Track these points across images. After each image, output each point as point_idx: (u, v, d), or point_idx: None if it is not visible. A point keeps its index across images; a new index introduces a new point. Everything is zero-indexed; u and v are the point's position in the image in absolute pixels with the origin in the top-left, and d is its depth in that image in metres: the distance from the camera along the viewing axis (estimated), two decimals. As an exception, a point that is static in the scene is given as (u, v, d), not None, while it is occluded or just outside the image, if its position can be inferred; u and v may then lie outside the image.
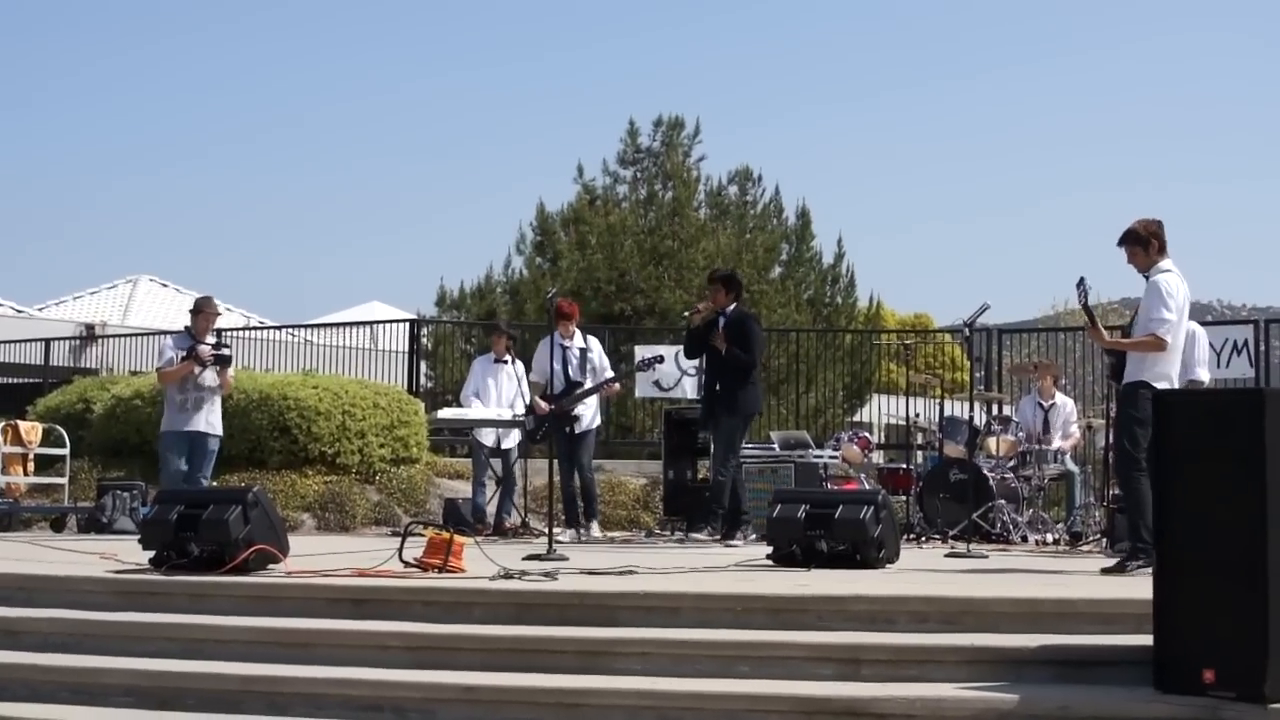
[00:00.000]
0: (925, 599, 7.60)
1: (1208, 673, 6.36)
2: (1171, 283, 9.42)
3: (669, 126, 29.61)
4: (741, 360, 12.27)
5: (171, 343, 12.81)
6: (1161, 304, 9.34)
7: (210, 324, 12.96)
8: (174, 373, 12.46)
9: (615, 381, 13.71)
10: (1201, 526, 6.48)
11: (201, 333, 12.69)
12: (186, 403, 12.46)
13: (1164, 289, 9.37)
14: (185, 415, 12.47)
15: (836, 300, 28.93)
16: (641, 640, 7.29)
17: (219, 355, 12.62)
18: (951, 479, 13.60)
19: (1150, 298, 9.41)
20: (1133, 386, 9.39)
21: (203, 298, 13.16)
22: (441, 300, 27.63)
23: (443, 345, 23.79)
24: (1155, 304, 9.36)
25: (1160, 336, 9.32)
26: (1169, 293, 9.36)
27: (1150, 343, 9.33)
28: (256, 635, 7.71)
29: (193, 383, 12.43)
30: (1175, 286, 9.42)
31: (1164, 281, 9.41)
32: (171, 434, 12.50)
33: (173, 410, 12.54)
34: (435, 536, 8.76)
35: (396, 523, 15.65)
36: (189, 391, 12.47)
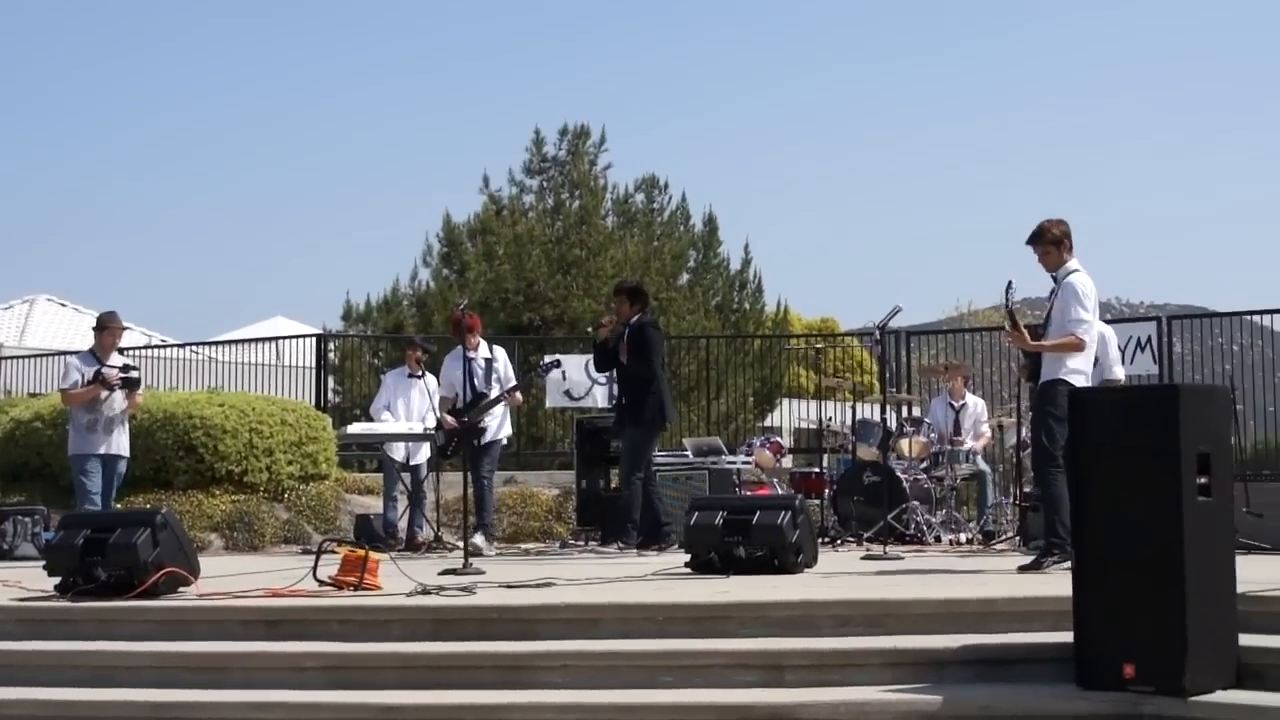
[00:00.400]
0: (846, 602, 7.59)
1: (1128, 668, 6.41)
2: (1085, 283, 9.52)
3: (574, 135, 29.52)
4: (639, 369, 12.21)
5: (77, 363, 12.46)
6: (1078, 304, 9.43)
7: (115, 341, 12.66)
8: (80, 395, 12.18)
9: (515, 390, 13.55)
10: (1119, 523, 6.52)
11: (106, 351, 12.41)
12: (95, 424, 12.17)
13: (1080, 290, 9.47)
14: (94, 437, 12.19)
15: (745, 306, 28.93)
16: (563, 653, 7.24)
17: (127, 378, 12.33)
18: (865, 481, 13.62)
19: (1066, 298, 9.48)
20: (1050, 384, 9.44)
21: (106, 314, 12.73)
22: (348, 314, 27.34)
23: (350, 360, 23.54)
24: (1072, 304, 9.44)
25: (1080, 337, 9.40)
26: (1084, 293, 9.46)
27: (1071, 343, 9.41)
28: (168, 660, 7.57)
29: (101, 404, 12.18)
30: (1089, 286, 9.51)
31: (1078, 282, 9.50)
32: (82, 456, 12.21)
33: (80, 432, 12.25)
34: (350, 554, 8.63)
35: (307, 541, 15.45)
36: (97, 413, 12.18)
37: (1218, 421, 6.67)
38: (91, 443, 12.20)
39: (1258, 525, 10.35)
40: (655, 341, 12.53)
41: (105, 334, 12.48)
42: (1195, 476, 6.40)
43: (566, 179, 29.22)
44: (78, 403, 12.23)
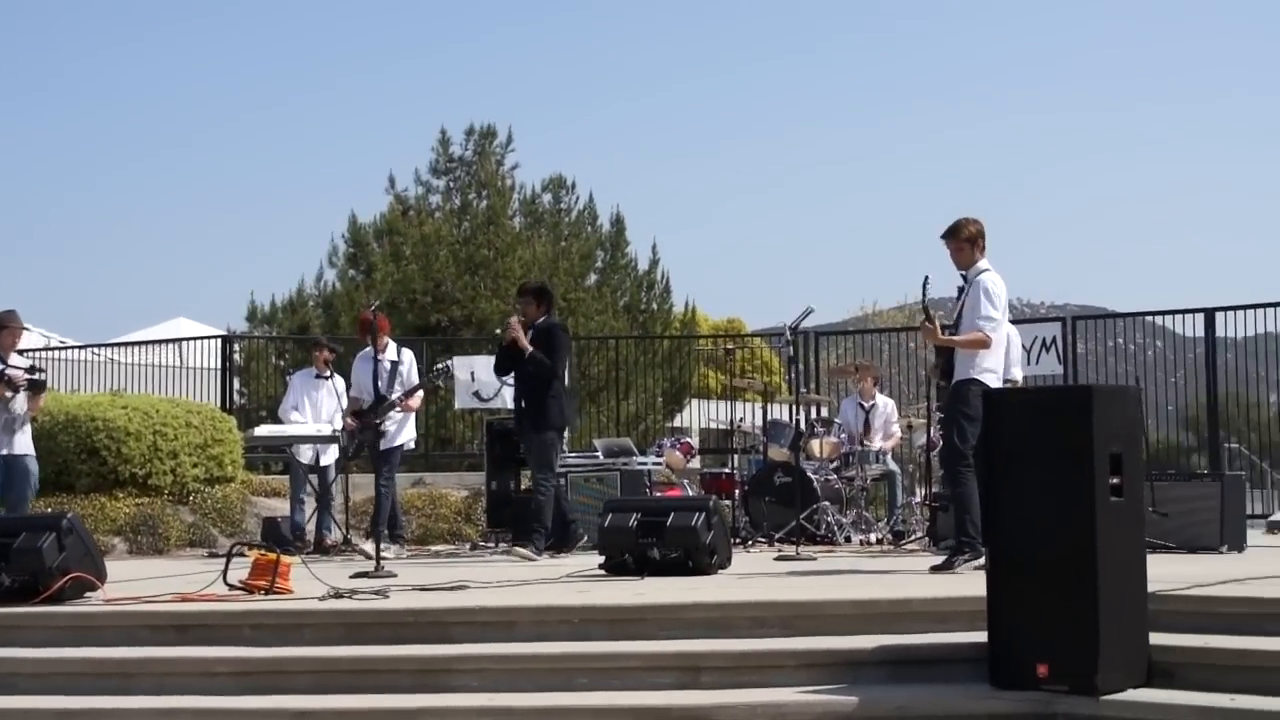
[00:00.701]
0: (762, 604, 7.61)
1: (1041, 667, 6.46)
2: (996, 282, 9.58)
3: (481, 135, 29.46)
4: (543, 365, 11.91)
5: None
6: (989, 303, 9.48)
7: (15, 340, 12.30)
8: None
9: (410, 395, 13.30)
10: (1032, 523, 6.58)
11: (6, 350, 12.09)
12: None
13: (990, 288, 9.52)
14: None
15: (653, 306, 29.00)
16: (478, 656, 7.20)
17: (33, 380, 12.04)
18: (776, 482, 13.66)
19: (976, 296, 9.52)
20: (962, 384, 9.49)
21: (5, 313, 12.27)
22: (253, 315, 27.12)
23: (255, 361, 23.33)
24: (982, 303, 9.49)
25: (987, 334, 9.45)
26: (995, 292, 9.51)
27: (978, 340, 9.45)
28: (75, 667, 7.45)
29: (2, 405, 11.96)
30: (999, 286, 9.58)
31: (989, 281, 9.56)
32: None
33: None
34: (261, 557, 8.54)
35: (213, 544, 15.28)
36: (0, 412, 11.87)
37: (1129, 422, 6.73)
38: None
39: (1162, 525, 10.48)
40: (563, 344, 12.43)
41: (5, 333, 12.08)
42: (1108, 477, 6.45)
43: (473, 179, 29.16)
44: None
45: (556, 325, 12.63)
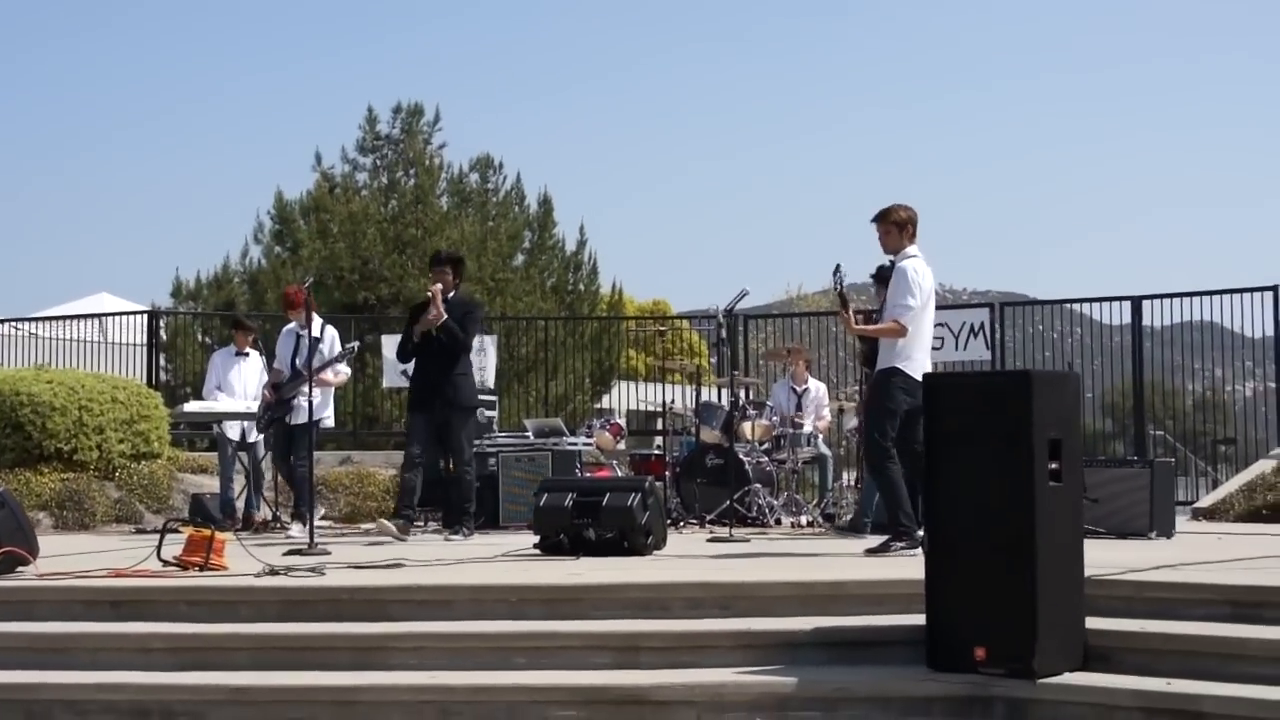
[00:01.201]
0: (698, 585, 7.64)
1: (979, 650, 6.52)
2: (919, 269, 9.56)
3: (408, 113, 29.38)
4: (456, 337, 11.45)
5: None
6: (908, 291, 9.47)
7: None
8: None
9: (321, 371, 12.56)
10: (971, 507, 6.63)
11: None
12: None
13: (911, 276, 9.50)
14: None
15: (580, 287, 29.01)
16: (416, 634, 7.20)
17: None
18: (708, 464, 13.69)
19: (897, 283, 9.52)
20: (884, 374, 9.49)
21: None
22: (178, 291, 26.89)
23: (180, 337, 23.13)
24: (902, 290, 9.48)
25: (902, 323, 9.45)
26: (915, 280, 9.50)
27: (892, 329, 9.44)
28: (10, 641, 7.40)
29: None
30: (923, 274, 9.58)
31: (911, 268, 9.53)
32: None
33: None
34: (195, 534, 8.49)
35: (139, 520, 15.16)
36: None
37: (1067, 407, 6.79)
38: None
39: (1092, 510, 10.58)
40: (478, 319, 12.15)
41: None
42: (1047, 462, 6.52)
43: (400, 158, 29.06)
44: None
45: (474, 298, 12.53)
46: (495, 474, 13.81)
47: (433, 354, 11.60)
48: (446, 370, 11.55)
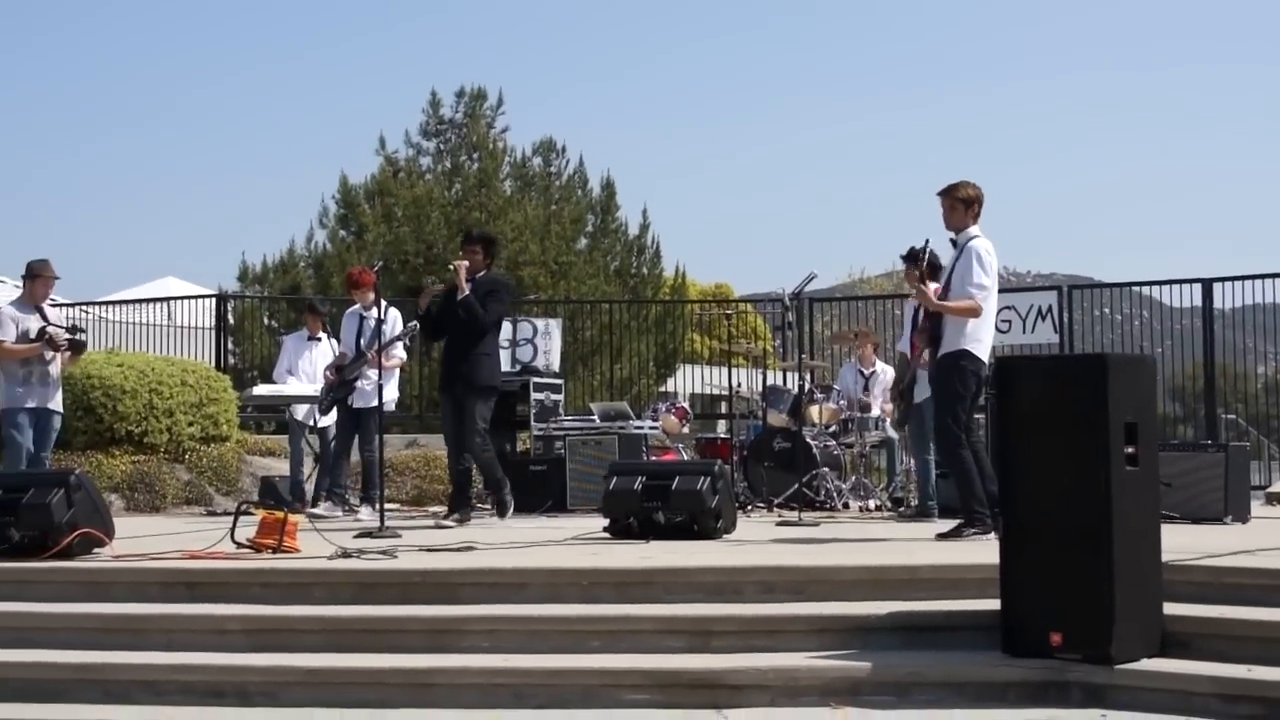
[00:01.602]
0: (771, 569, 7.61)
1: (1055, 635, 6.46)
2: (988, 249, 9.47)
3: (472, 97, 29.43)
4: (475, 313, 11.15)
5: (13, 312, 11.74)
6: (980, 268, 9.38)
7: (48, 290, 11.99)
8: (21, 351, 11.55)
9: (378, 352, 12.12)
10: (1046, 491, 6.57)
11: (38, 299, 11.77)
12: (30, 377, 11.61)
13: (982, 256, 9.41)
14: (28, 390, 11.59)
15: (643, 271, 28.99)
16: (489, 617, 7.20)
17: (75, 341, 11.78)
18: (775, 447, 13.67)
19: (968, 262, 9.42)
20: (953, 356, 9.40)
21: (38, 262, 11.95)
22: (244, 275, 27.06)
23: (247, 320, 23.28)
24: (973, 270, 9.38)
25: (978, 301, 9.37)
26: (986, 260, 9.41)
27: (969, 307, 9.36)
28: (86, 622, 7.44)
29: (40, 361, 11.62)
30: (990, 254, 9.49)
31: (980, 248, 9.44)
32: (17, 411, 11.57)
33: (14, 384, 11.60)
34: (268, 516, 8.54)
35: (208, 502, 15.31)
36: (32, 367, 11.60)
37: (1144, 391, 6.73)
38: (24, 396, 11.60)
39: (1166, 495, 10.47)
40: (505, 300, 11.83)
41: (38, 282, 11.81)
42: (1123, 446, 6.46)
43: (464, 142, 29.10)
44: (17, 357, 11.59)
45: (503, 278, 12.36)
46: (562, 457, 13.85)
47: (455, 334, 11.44)
48: (466, 350, 11.33)
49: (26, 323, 11.66)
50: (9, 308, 11.87)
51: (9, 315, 11.70)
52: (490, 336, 11.47)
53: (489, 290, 11.37)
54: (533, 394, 14.74)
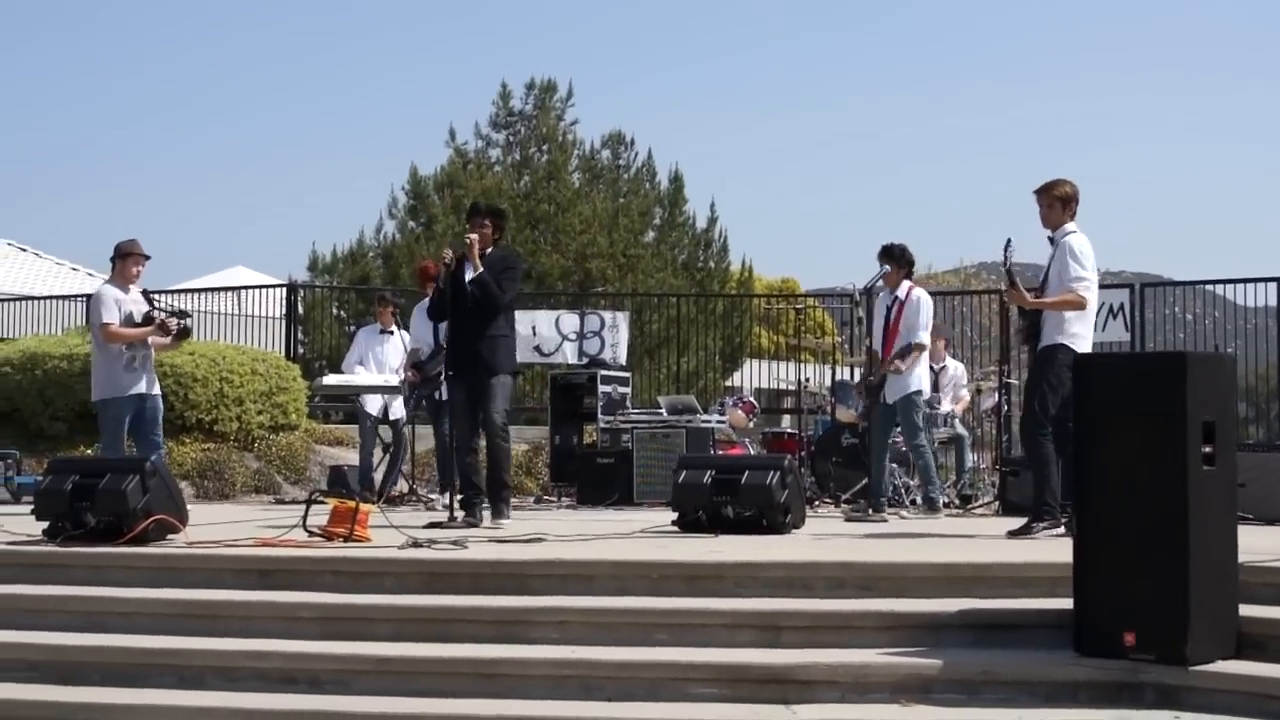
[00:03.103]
0: (840, 564, 7.57)
1: (1128, 635, 6.40)
2: (1084, 243, 9.42)
3: (541, 90, 29.51)
4: (490, 290, 10.21)
5: (115, 293, 11.25)
6: (1077, 262, 9.33)
7: (139, 270, 11.50)
8: (130, 335, 11.12)
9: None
10: (1122, 490, 6.51)
11: (129, 280, 11.36)
12: (134, 361, 11.15)
13: (1078, 249, 9.36)
14: (133, 376, 11.14)
15: (710, 265, 28.98)
16: (558, 609, 7.21)
17: (184, 328, 11.52)
18: (843, 443, 13.64)
19: (1064, 258, 9.37)
20: (1050, 350, 9.36)
21: (128, 241, 11.48)
22: (314, 265, 27.24)
23: (316, 310, 23.42)
24: (1072, 264, 9.33)
25: (1080, 294, 9.32)
26: (1083, 253, 9.36)
27: (1072, 300, 9.30)
28: (161, 607, 7.52)
29: (142, 341, 11.22)
30: (1087, 248, 9.43)
31: (1077, 242, 9.39)
32: (123, 399, 11.10)
33: (119, 369, 11.11)
34: (340, 505, 8.58)
35: (277, 490, 15.43)
36: (137, 349, 11.18)
37: (1222, 390, 6.66)
38: (130, 382, 11.14)
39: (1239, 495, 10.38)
40: (517, 276, 10.77)
41: (128, 261, 11.35)
42: (1200, 445, 6.40)
43: (533, 134, 29.17)
44: (125, 341, 11.14)
45: (513, 253, 11.97)
46: (629, 450, 13.86)
47: (467, 313, 10.38)
48: (481, 330, 10.31)
49: (129, 305, 11.28)
50: (110, 288, 11.36)
51: (112, 296, 11.22)
52: (505, 316, 10.51)
53: (503, 266, 10.48)
54: (600, 386, 14.78)
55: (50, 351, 16.36)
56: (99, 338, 11.20)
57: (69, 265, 33.89)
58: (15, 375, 16.17)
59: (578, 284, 26.01)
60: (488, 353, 10.30)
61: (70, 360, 16.04)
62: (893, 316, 11.62)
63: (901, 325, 11.54)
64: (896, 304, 11.62)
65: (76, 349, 16.25)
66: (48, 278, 32.12)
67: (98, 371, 11.24)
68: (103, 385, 11.14)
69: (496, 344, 10.36)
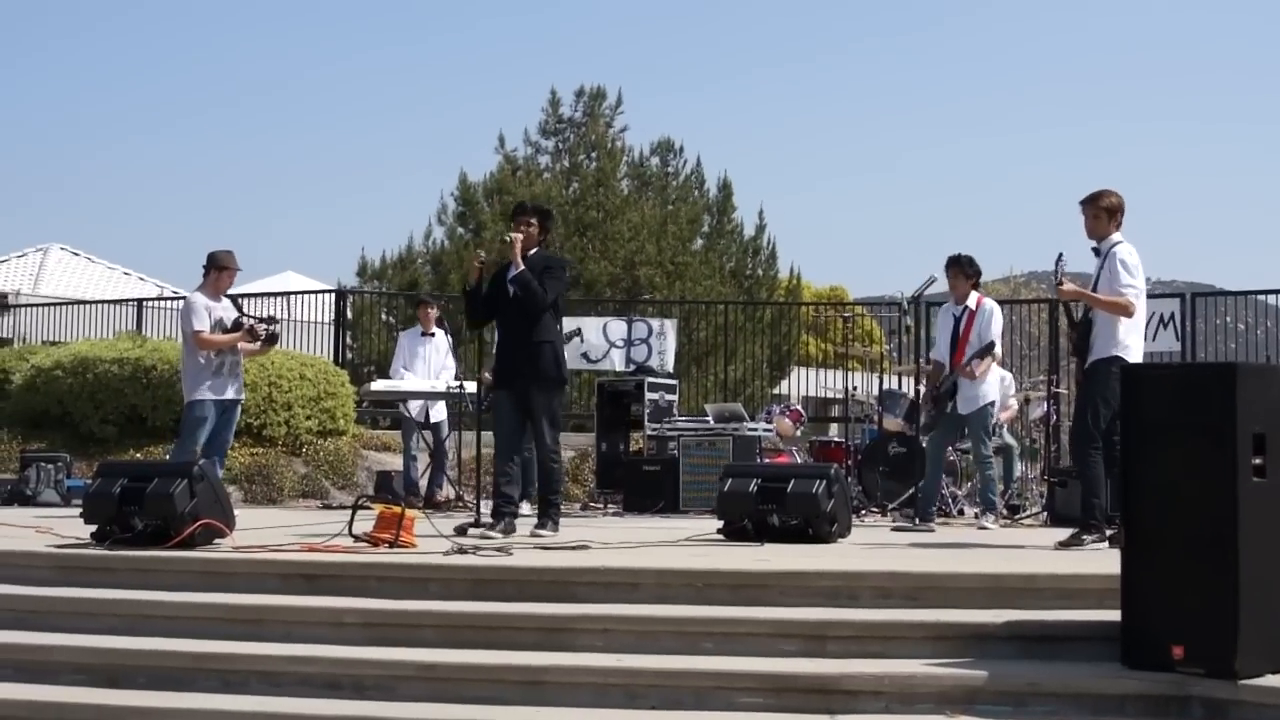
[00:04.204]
0: (887, 574, 7.55)
1: (1176, 649, 6.34)
2: (1131, 253, 9.34)
3: (591, 97, 29.54)
4: (533, 290, 9.83)
5: (205, 301, 11.46)
6: (1128, 272, 9.26)
7: (233, 281, 11.91)
8: (221, 341, 11.36)
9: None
10: (1171, 501, 6.45)
11: (221, 291, 11.63)
12: (223, 368, 11.40)
13: (1126, 259, 9.29)
14: (222, 381, 11.38)
15: (758, 272, 28.94)
16: (603, 616, 7.19)
17: (272, 334, 11.70)
18: (890, 452, 13.59)
19: (1114, 267, 9.30)
20: (1104, 362, 9.27)
21: (224, 253, 11.67)
22: (363, 270, 27.34)
23: (365, 316, 23.51)
24: (1121, 273, 9.26)
25: (1130, 300, 9.25)
26: (1131, 263, 9.29)
27: (1121, 304, 9.22)
28: (207, 612, 7.55)
29: (231, 347, 11.46)
30: (1135, 258, 9.35)
31: (1125, 252, 9.32)
32: (207, 402, 11.28)
33: (206, 374, 11.31)
34: (386, 511, 8.60)
35: (325, 496, 15.47)
36: (226, 355, 11.42)
37: (1273, 402, 6.57)
38: (219, 386, 11.36)
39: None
40: (563, 278, 10.33)
41: (224, 274, 11.58)
42: (1251, 456, 6.33)
43: (582, 141, 29.20)
44: (215, 348, 11.37)
45: (558, 255, 11.83)
46: (676, 458, 13.85)
47: (510, 318, 10.07)
48: (525, 335, 9.94)
49: (219, 312, 11.50)
50: (200, 296, 11.57)
51: (203, 304, 11.45)
52: (550, 320, 10.09)
53: (545, 267, 10.05)
54: (647, 394, 14.78)
55: (101, 355, 16.47)
56: (190, 344, 11.43)
57: (121, 270, 34.16)
58: (66, 379, 16.28)
59: (625, 291, 26.00)
60: (533, 361, 9.93)
61: (121, 364, 16.15)
62: (963, 327, 11.58)
63: (973, 335, 11.51)
64: (966, 314, 11.59)
65: (127, 353, 16.37)
66: (100, 282, 32.37)
67: (188, 375, 11.47)
68: (193, 388, 11.38)
69: (543, 350, 9.97)
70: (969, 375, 11.33)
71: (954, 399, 11.41)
